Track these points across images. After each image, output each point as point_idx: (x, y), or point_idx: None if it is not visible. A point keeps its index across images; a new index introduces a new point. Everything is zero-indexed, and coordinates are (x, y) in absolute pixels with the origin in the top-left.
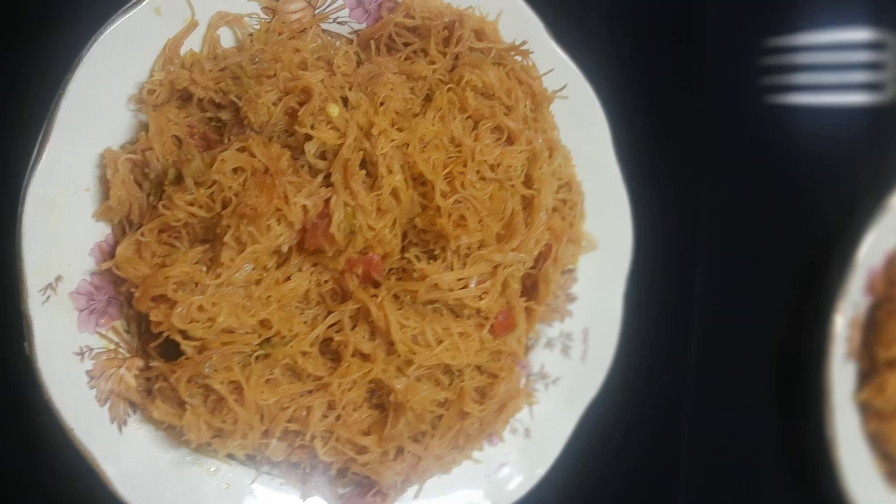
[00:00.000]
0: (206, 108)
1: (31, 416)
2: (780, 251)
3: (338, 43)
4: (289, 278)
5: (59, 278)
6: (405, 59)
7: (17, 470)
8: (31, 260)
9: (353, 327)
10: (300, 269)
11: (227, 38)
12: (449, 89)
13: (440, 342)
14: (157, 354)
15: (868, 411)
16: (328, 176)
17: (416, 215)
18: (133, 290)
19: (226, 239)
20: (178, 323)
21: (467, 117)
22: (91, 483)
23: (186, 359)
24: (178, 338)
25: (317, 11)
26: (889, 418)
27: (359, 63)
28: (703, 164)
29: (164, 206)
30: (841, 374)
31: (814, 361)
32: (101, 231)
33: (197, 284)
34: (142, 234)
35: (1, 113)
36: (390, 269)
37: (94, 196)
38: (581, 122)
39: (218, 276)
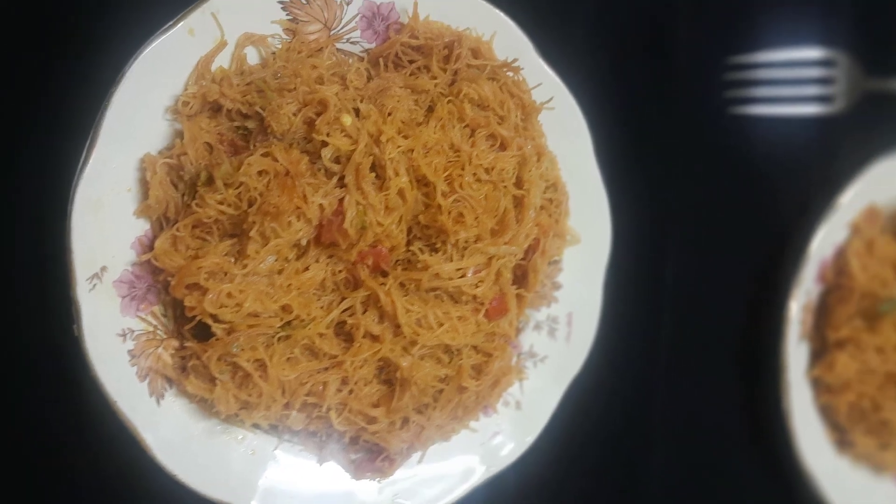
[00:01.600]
0: (234, 118)
1: (80, 391)
2: (741, 245)
3: (350, 60)
4: (307, 268)
5: (104, 269)
6: (410, 74)
7: (67, 439)
8: (79, 252)
9: (364, 312)
10: (317, 261)
11: (252, 56)
12: (449, 101)
13: (441, 325)
14: (191, 336)
15: (819, 386)
16: (342, 178)
17: (419, 213)
18: (169, 278)
19: (252, 234)
20: (209, 308)
21: (465, 126)
22: (133, 450)
23: (217, 339)
24: (210, 321)
25: (332, 32)
26: (838, 392)
27: (369, 78)
28: (674, 168)
29: (197, 204)
30: (795, 354)
31: (771, 342)
32: (141, 227)
33: (226, 274)
34: (177, 230)
35: (52, 122)
36: (397, 261)
37: (134, 196)
38: (566, 131)
39: (244, 266)
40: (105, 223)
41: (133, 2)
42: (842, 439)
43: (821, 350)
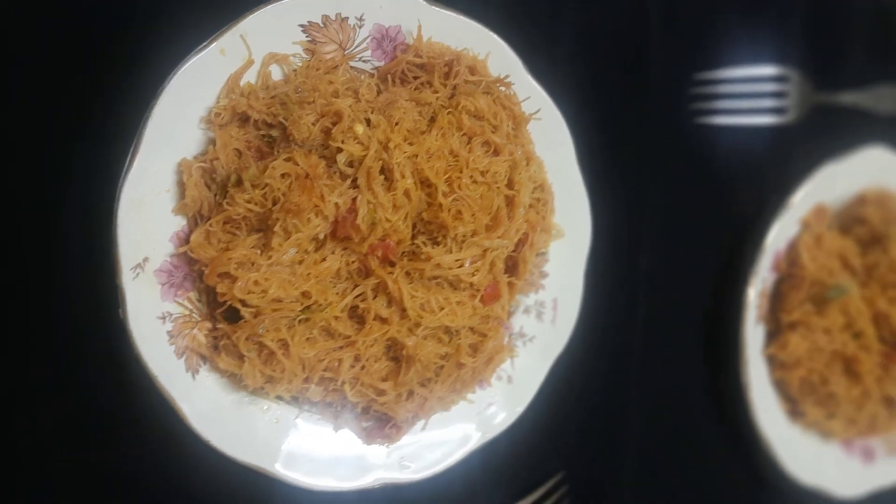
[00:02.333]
0: (260, 127)
1: (125, 368)
2: (706, 238)
3: (362, 76)
4: (324, 259)
5: (146, 259)
6: (414, 89)
7: (114, 410)
8: (124, 245)
9: (375, 297)
10: (333, 252)
11: (276, 73)
12: (449, 112)
13: (442, 309)
14: (222, 318)
15: (774, 363)
16: (355, 180)
17: (423, 210)
18: (203, 268)
19: (276, 229)
20: (238, 294)
21: (463, 134)
22: (171, 419)
23: (245, 322)
24: (239, 305)
25: (346, 52)
26: (790, 368)
27: (378, 92)
28: (647, 171)
29: (227, 203)
30: (753, 334)
31: (732, 324)
32: (179, 223)
33: (253, 264)
34: (210, 225)
35: (101, 132)
36: (403, 252)
37: (173, 196)
38: (551, 139)
39: (269, 257)
40: (147, 220)
41: (171, 26)
42: (794, 410)
43: (775, 331)
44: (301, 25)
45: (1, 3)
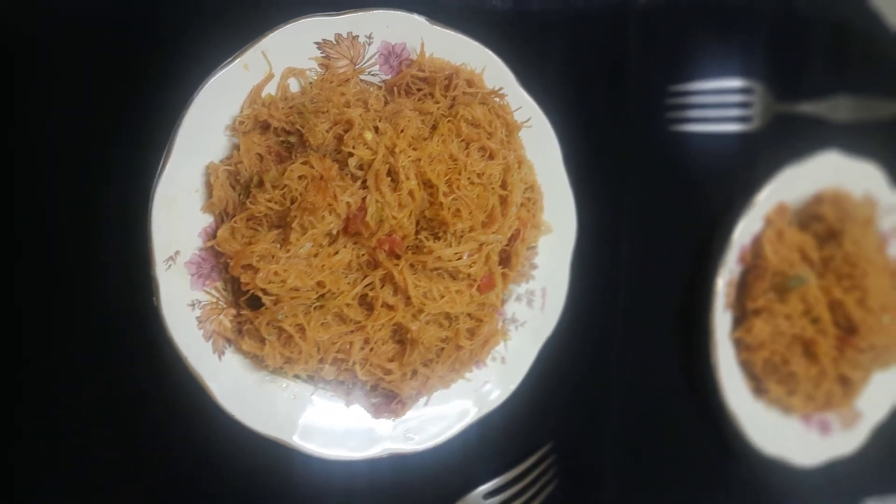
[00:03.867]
0: (280, 134)
1: (158, 350)
2: (680, 233)
3: (371, 88)
4: (337, 252)
5: (177, 252)
6: (418, 100)
7: (148, 388)
8: (158, 240)
9: (382, 286)
10: (345, 246)
11: (294, 86)
12: (448, 121)
13: (442, 297)
14: (246, 305)
15: (740, 345)
16: (364, 181)
17: (425, 208)
18: (229, 260)
19: (294, 225)
20: (260, 283)
21: (461, 140)
22: (200, 396)
23: (266, 308)
24: (260, 294)
25: (356, 66)
26: (755, 350)
27: (385, 102)
28: (627, 173)
29: (250, 202)
30: (721, 320)
31: (703, 310)
32: (206, 220)
33: (273, 257)
34: (235, 222)
35: (137, 138)
36: (408, 247)
37: (201, 196)
38: (540, 144)
39: (288, 251)
40: (178, 217)
41: (199, 43)
42: (758, 387)
43: (741, 317)
44: (316, 43)
45: (48, 28)
